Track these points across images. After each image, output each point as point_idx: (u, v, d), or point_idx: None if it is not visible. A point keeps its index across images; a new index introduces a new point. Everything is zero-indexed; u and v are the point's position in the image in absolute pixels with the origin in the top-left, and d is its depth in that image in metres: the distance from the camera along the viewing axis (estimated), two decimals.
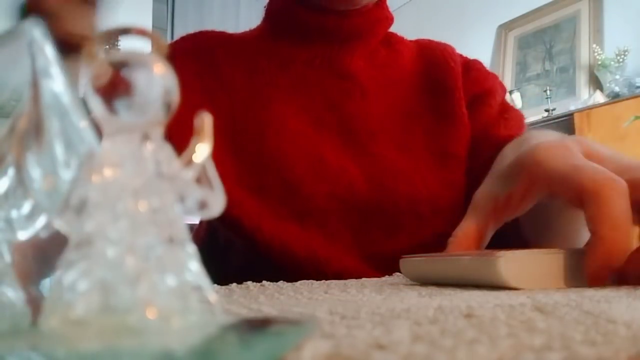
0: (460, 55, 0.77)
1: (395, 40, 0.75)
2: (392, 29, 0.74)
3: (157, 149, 0.16)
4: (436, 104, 0.69)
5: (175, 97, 0.16)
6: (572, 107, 2.53)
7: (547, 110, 2.70)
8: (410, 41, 0.79)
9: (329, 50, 0.67)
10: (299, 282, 0.36)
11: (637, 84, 2.42)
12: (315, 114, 0.65)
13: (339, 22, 0.65)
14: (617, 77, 2.50)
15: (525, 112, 2.64)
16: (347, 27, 0.66)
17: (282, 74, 0.67)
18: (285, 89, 0.65)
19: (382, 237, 0.59)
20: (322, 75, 0.67)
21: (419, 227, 0.60)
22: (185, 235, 0.16)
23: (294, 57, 0.67)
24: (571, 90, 2.77)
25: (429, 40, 0.79)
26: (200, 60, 0.66)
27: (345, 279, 0.41)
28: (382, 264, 0.51)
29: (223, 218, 0.55)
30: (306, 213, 0.58)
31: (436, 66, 0.72)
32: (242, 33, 0.74)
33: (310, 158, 0.61)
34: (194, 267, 0.15)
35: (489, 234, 0.41)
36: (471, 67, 0.74)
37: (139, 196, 0.15)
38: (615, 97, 2.44)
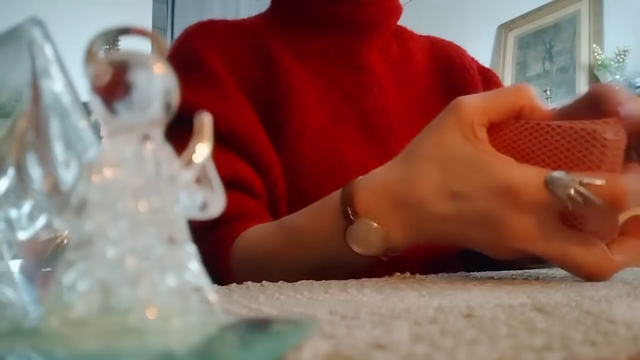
0: (473, 59, 0.76)
1: (406, 36, 0.74)
2: None
3: (157, 149, 0.16)
4: None
5: (175, 97, 0.16)
6: None
7: None
8: (421, 36, 0.77)
9: (343, 41, 0.65)
10: (299, 282, 0.36)
11: (637, 84, 2.42)
12: (334, 107, 0.63)
13: (352, 11, 0.64)
14: (617, 77, 2.50)
15: None
16: (360, 17, 0.64)
17: (298, 63, 0.64)
18: (303, 79, 0.63)
19: None
20: (337, 68, 0.65)
21: None
22: (185, 235, 0.16)
23: (308, 48, 0.65)
24: (571, 90, 2.77)
25: (441, 39, 0.78)
26: (222, 55, 0.63)
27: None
28: (404, 270, 0.49)
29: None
30: None
31: (453, 70, 0.71)
32: (249, 21, 0.70)
33: (330, 159, 0.59)
34: (194, 267, 0.15)
35: None
36: (490, 79, 0.73)
37: (139, 196, 0.15)
38: None
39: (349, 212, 0.39)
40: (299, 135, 0.59)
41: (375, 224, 0.39)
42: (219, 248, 0.50)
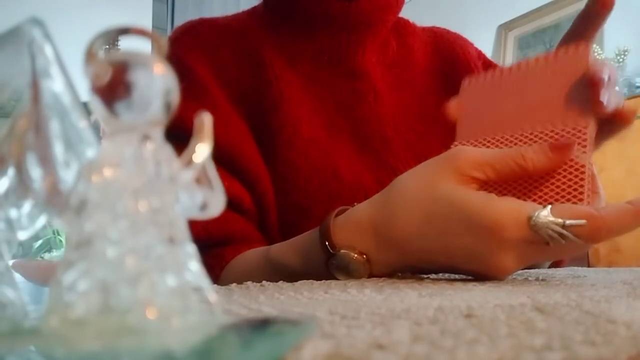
0: (479, 53, 0.72)
1: (406, 32, 0.70)
2: None
3: (157, 149, 0.16)
4: None
5: (175, 97, 0.16)
6: None
7: None
8: (423, 29, 0.73)
9: (337, 42, 0.62)
10: (299, 282, 0.36)
11: (637, 84, 2.42)
12: (327, 117, 0.61)
13: (344, 7, 0.60)
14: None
15: None
16: (353, 13, 0.61)
17: (290, 69, 0.62)
18: (295, 86, 0.61)
19: None
20: (331, 74, 0.63)
21: None
22: (185, 235, 0.16)
23: (301, 51, 0.63)
24: None
25: (446, 31, 0.74)
26: (210, 60, 0.61)
27: None
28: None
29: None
30: None
31: (456, 67, 0.68)
32: (239, 20, 0.67)
33: (323, 172, 0.57)
34: (194, 267, 0.15)
35: None
36: None
37: (139, 196, 0.15)
38: None
39: (327, 245, 0.40)
40: (291, 146, 0.58)
41: (355, 255, 0.39)
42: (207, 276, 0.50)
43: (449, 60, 0.70)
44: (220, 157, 0.55)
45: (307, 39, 0.63)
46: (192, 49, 0.61)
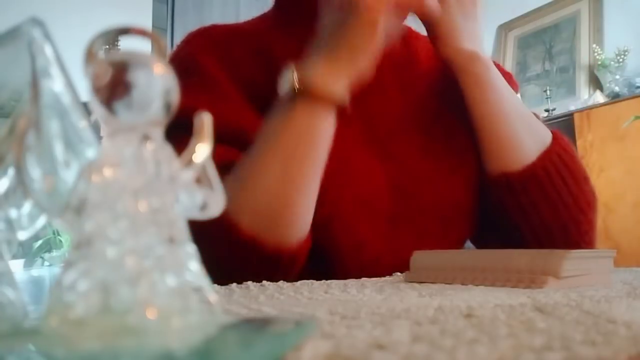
0: None
1: (409, 36, 0.73)
2: None
3: (157, 149, 0.16)
4: (457, 105, 0.66)
5: (175, 97, 0.16)
6: (572, 107, 2.52)
7: (547, 110, 2.70)
8: (425, 36, 0.74)
9: None
10: (299, 282, 0.36)
11: (637, 84, 2.42)
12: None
13: None
14: (617, 77, 2.50)
15: None
16: None
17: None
18: None
19: (411, 243, 0.56)
20: None
21: (446, 232, 0.59)
22: (185, 235, 0.16)
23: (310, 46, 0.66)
24: (571, 90, 2.77)
25: None
26: (222, 59, 0.63)
27: None
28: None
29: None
30: (333, 219, 0.55)
31: None
32: (251, 23, 0.70)
33: (336, 158, 0.57)
34: (194, 267, 0.15)
35: None
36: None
37: (139, 196, 0.15)
38: (615, 97, 2.43)
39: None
40: None
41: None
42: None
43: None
44: (233, 139, 0.56)
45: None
46: (204, 48, 0.63)
